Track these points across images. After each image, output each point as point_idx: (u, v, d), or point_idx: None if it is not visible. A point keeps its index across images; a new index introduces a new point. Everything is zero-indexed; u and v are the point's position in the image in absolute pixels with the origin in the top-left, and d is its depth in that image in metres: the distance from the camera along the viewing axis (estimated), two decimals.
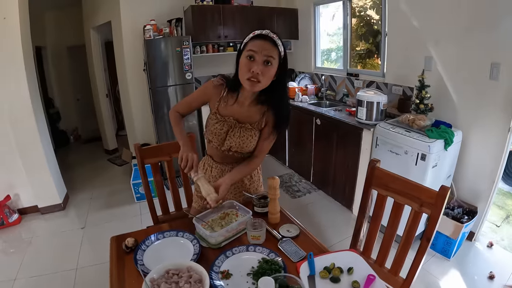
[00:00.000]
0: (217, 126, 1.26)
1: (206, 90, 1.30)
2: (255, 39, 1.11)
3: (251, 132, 1.26)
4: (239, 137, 1.25)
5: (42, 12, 4.35)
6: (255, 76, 1.10)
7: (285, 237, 1.12)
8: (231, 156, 1.31)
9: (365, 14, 3.37)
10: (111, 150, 4.71)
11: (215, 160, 1.38)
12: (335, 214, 2.89)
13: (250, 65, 1.10)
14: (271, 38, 1.11)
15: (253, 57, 1.10)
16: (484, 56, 2.09)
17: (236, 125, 1.25)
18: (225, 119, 1.25)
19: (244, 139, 1.25)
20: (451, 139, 2.11)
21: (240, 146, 1.26)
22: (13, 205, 2.88)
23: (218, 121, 1.26)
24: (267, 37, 1.11)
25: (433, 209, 1.13)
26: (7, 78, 2.59)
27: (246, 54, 1.11)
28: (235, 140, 1.25)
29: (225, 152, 1.30)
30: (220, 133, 1.26)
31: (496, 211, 2.79)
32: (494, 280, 2.00)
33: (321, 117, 3.05)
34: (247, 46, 1.12)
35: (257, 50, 1.09)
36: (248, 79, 1.12)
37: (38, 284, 2.09)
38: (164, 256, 1.06)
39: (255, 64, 1.10)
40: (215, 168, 1.38)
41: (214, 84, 1.28)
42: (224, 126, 1.25)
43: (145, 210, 2.99)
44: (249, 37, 1.14)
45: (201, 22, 3.45)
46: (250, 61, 1.11)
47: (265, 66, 1.11)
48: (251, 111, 1.26)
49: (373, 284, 0.92)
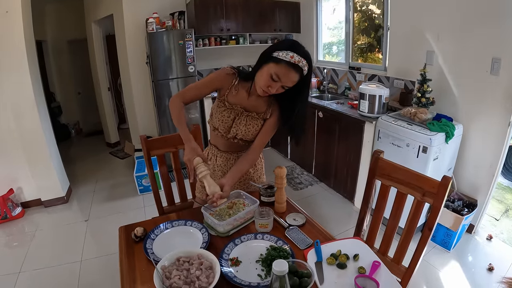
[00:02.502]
0: (224, 113, 1.28)
1: (219, 77, 1.29)
2: (285, 64, 1.09)
3: (257, 121, 1.29)
4: (245, 125, 1.29)
5: (42, 6, 4.33)
6: (267, 92, 1.16)
7: (292, 225, 1.14)
8: (236, 144, 1.34)
9: (366, 8, 3.37)
10: (113, 143, 4.72)
11: (220, 149, 1.40)
12: (337, 206, 2.92)
13: (269, 83, 1.13)
14: (298, 68, 1.10)
15: (275, 80, 1.12)
16: (485, 51, 2.10)
17: (243, 113, 1.28)
18: (232, 107, 1.28)
19: (250, 127, 1.29)
20: (452, 132, 2.13)
21: (245, 134, 1.30)
22: (16, 199, 2.89)
23: (226, 108, 1.28)
24: (296, 66, 1.09)
25: (435, 198, 1.15)
26: (10, 72, 2.59)
27: (270, 73, 1.11)
28: (241, 128, 1.29)
29: (230, 140, 1.33)
30: (227, 120, 1.29)
31: (495, 205, 2.83)
32: (493, 272, 2.04)
33: (324, 110, 3.06)
34: (275, 67, 1.10)
35: (282, 79, 1.11)
36: (262, 90, 1.16)
37: (43, 277, 2.10)
38: (173, 245, 1.08)
39: (274, 86, 1.13)
40: (220, 157, 1.41)
41: (227, 72, 1.28)
42: (232, 113, 1.28)
43: (149, 202, 3.02)
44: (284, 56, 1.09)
45: (203, 15, 3.45)
46: (271, 81, 1.13)
47: (283, 88, 1.15)
48: (259, 101, 1.29)
49: (378, 270, 0.94)
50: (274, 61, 1.11)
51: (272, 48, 1.14)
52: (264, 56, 1.16)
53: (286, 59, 1.09)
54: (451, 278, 2.03)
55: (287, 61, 1.09)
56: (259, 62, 1.18)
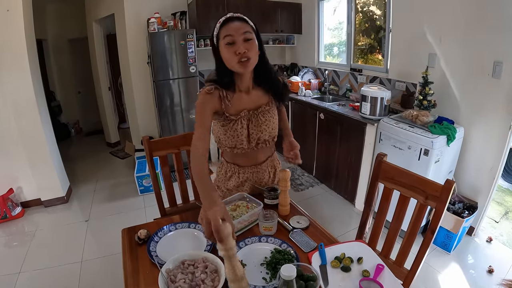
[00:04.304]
0: (236, 127, 1.20)
1: (205, 101, 1.14)
2: (225, 26, 1.08)
3: (270, 112, 1.25)
4: (263, 122, 1.23)
5: (43, 5, 4.32)
6: (243, 55, 1.07)
7: (296, 228, 1.14)
8: (261, 150, 1.29)
9: (367, 9, 3.37)
10: (113, 143, 4.72)
11: (242, 165, 1.33)
12: (338, 207, 2.93)
13: (234, 49, 1.07)
14: (238, 17, 1.09)
15: (232, 42, 1.07)
16: (487, 54, 2.10)
17: (252, 114, 1.22)
18: (239, 115, 1.20)
19: (268, 122, 1.24)
20: (454, 135, 2.14)
21: (267, 132, 1.25)
22: (16, 198, 2.88)
23: (233, 121, 1.20)
24: (234, 18, 1.09)
25: (438, 202, 1.16)
26: (11, 71, 2.58)
27: (225, 42, 1.07)
28: (259, 128, 1.23)
29: (254, 149, 1.26)
30: (242, 131, 1.21)
31: (495, 207, 2.83)
32: (493, 274, 2.04)
33: (325, 111, 3.07)
34: (221, 35, 1.08)
35: (233, 32, 1.06)
36: (238, 63, 1.08)
37: (43, 277, 2.10)
38: (177, 248, 1.08)
39: (238, 46, 1.06)
40: (243, 173, 1.34)
41: (207, 92, 1.15)
42: (243, 121, 1.21)
43: (149, 203, 3.02)
44: (218, 28, 1.10)
45: (205, 15, 3.45)
46: (232, 46, 1.07)
47: (247, 42, 1.08)
48: (258, 94, 1.25)
49: (382, 273, 0.94)
50: (217, 37, 1.10)
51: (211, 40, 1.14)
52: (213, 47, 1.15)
53: (219, 25, 1.09)
54: (452, 280, 2.04)
55: (221, 24, 1.08)
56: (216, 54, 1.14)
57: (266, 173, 1.38)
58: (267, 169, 1.38)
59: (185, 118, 3.53)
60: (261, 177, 1.37)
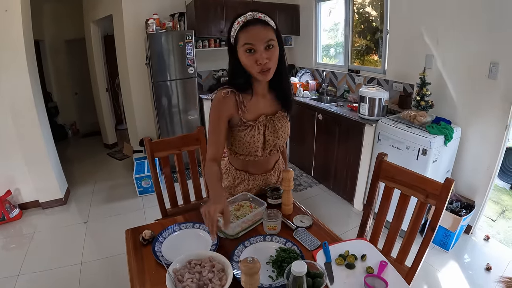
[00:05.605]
0: (254, 133, 1.15)
1: (221, 105, 1.10)
2: (244, 30, 1.00)
3: (284, 117, 1.23)
4: (279, 128, 1.20)
5: (40, 5, 4.30)
6: (264, 66, 1.01)
7: (299, 227, 1.15)
8: (272, 156, 1.28)
9: (363, 11, 3.40)
10: (110, 144, 4.70)
11: (253, 173, 1.30)
12: (336, 207, 2.95)
13: (254, 58, 1.01)
14: (259, 20, 1.01)
15: (253, 50, 1.00)
16: (483, 55, 2.14)
17: (269, 120, 1.18)
18: (257, 120, 1.15)
19: (284, 128, 1.21)
20: (451, 135, 2.17)
21: (283, 138, 1.22)
22: (14, 200, 2.86)
23: (250, 127, 1.15)
24: (257, 21, 1.01)
25: (438, 200, 1.18)
26: (9, 71, 2.57)
27: (244, 49, 1.01)
28: (275, 134, 1.19)
29: (266, 156, 1.24)
30: (258, 138, 1.16)
31: (492, 206, 2.87)
32: (491, 271, 2.08)
33: (323, 112, 3.09)
34: (240, 40, 1.02)
35: (254, 42, 0.99)
36: (259, 72, 1.03)
37: (43, 280, 2.08)
38: (182, 247, 1.07)
39: (259, 55, 1.00)
40: (253, 180, 1.32)
41: (223, 96, 1.10)
42: (260, 127, 1.16)
43: (148, 204, 3.02)
44: (236, 29, 1.02)
45: (203, 17, 3.45)
46: (252, 55, 1.01)
47: (268, 51, 1.02)
48: (272, 98, 1.20)
49: (386, 269, 0.96)
50: (236, 42, 1.03)
51: (228, 39, 1.08)
52: (230, 49, 1.08)
53: (238, 27, 1.01)
54: (450, 277, 2.07)
55: (240, 24, 1.01)
56: (232, 53, 1.07)
57: (275, 176, 1.39)
58: (275, 174, 1.39)
59: (183, 119, 3.53)
60: (269, 182, 1.38)
